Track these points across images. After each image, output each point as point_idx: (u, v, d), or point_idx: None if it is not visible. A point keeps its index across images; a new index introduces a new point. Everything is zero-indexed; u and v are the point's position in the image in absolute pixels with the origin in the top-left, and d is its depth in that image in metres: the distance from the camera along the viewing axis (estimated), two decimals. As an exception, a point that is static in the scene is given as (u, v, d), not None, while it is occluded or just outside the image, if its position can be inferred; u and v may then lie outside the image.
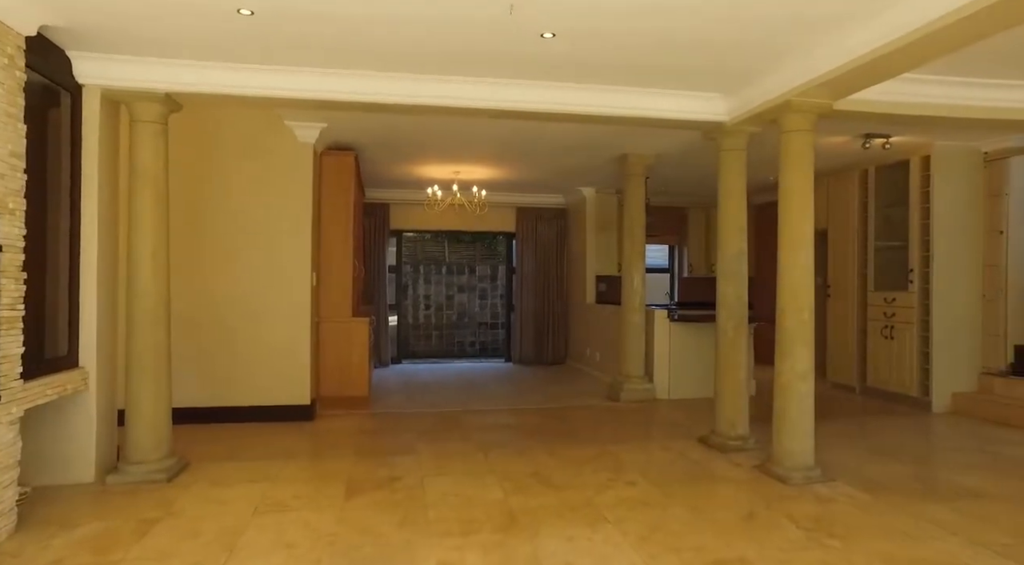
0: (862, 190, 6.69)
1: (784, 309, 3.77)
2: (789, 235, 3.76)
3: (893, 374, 6.22)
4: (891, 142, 5.52)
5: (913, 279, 6.02)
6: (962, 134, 5.56)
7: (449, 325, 12.37)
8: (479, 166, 7.21)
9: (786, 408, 3.74)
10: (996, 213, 5.84)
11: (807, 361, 3.72)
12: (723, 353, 4.44)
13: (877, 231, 6.53)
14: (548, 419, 5.57)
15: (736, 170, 4.41)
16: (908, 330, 6.05)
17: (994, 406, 5.50)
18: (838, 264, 7.01)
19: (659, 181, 7.79)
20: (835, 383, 6.99)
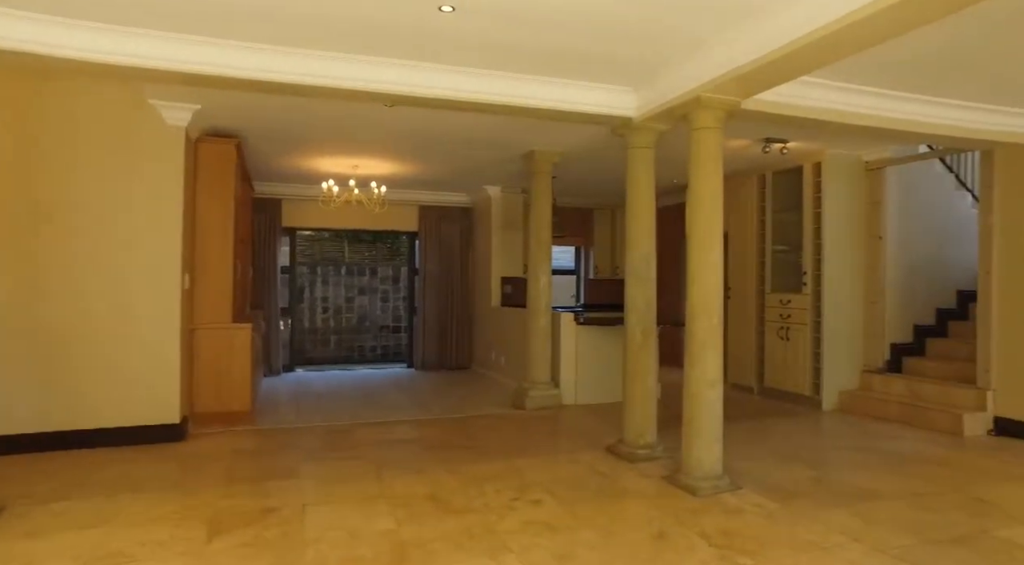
0: (760, 194, 6.85)
1: (694, 313, 3.65)
2: (700, 235, 3.64)
3: (788, 374, 6.39)
4: (788, 148, 5.64)
5: (806, 282, 6.21)
6: (849, 143, 5.77)
7: (349, 329, 11.73)
8: (379, 160, 6.75)
9: (696, 417, 3.62)
10: (876, 220, 6.12)
11: (716, 368, 3.62)
12: (631, 359, 4.28)
13: (774, 235, 6.70)
14: (450, 431, 5.22)
15: (645, 169, 4.27)
16: (802, 331, 6.23)
17: (874, 402, 5.75)
18: (738, 267, 7.15)
19: (566, 181, 7.66)
20: (735, 384, 7.12)
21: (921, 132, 4.46)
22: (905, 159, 5.98)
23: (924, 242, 6.27)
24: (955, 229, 6.45)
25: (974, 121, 4.66)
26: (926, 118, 4.41)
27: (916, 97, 4.28)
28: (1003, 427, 5.04)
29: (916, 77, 3.97)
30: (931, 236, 6.32)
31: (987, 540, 2.99)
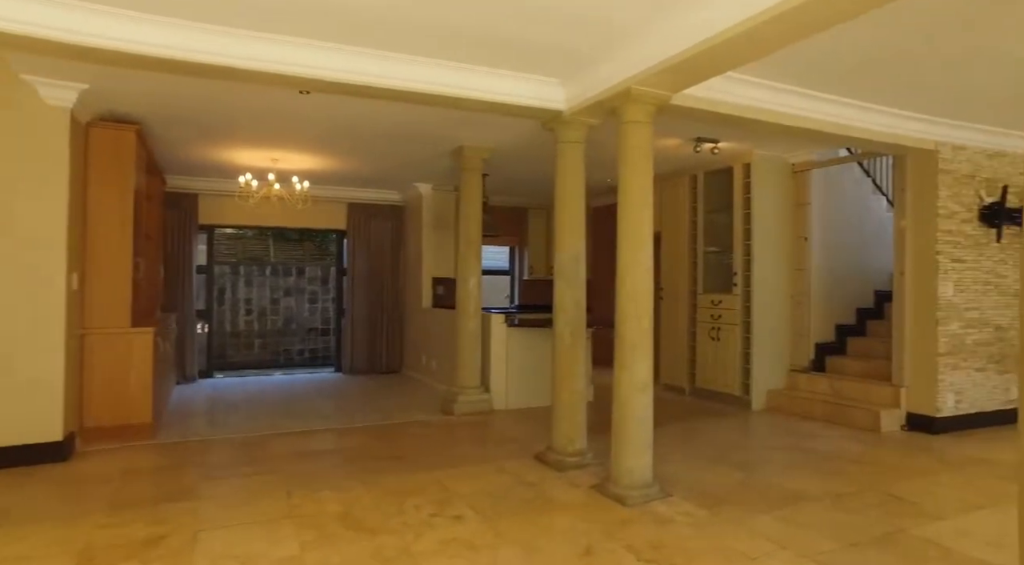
0: (692, 195, 6.86)
1: (624, 315, 3.51)
2: (629, 232, 3.51)
3: (719, 374, 6.42)
4: (719, 148, 5.63)
5: (737, 282, 6.25)
6: (776, 144, 5.83)
7: (274, 332, 11.15)
8: (301, 154, 6.36)
9: (625, 423, 3.48)
10: (802, 221, 6.23)
11: (646, 372, 3.50)
12: (560, 362, 4.12)
13: (706, 235, 6.72)
14: (374, 440, 4.93)
15: (574, 165, 4.12)
16: (732, 331, 6.26)
17: (800, 401, 5.83)
18: (670, 267, 7.15)
19: (499, 179, 7.47)
20: (667, 385, 7.11)
21: (842, 134, 4.51)
22: (827, 162, 6.10)
23: (845, 244, 6.43)
24: (872, 231, 6.65)
25: (890, 126, 4.77)
26: (846, 120, 4.47)
27: (838, 99, 4.32)
28: (914, 422, 5.18)
29: (839, 80, 3.99)
30: (851, 238, 6.48)
31: (905, 540, 2.98)
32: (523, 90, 3.93)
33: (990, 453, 4.52)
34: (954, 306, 5.21)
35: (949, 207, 5.19)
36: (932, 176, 5.13)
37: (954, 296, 5.21)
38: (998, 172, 5.49)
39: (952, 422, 5.16)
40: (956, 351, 5.22)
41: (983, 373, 5.39)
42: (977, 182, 5.36)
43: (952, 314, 5.19)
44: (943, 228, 5.15)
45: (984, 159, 5.40)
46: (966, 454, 4.49)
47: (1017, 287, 5.60)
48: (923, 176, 5.20)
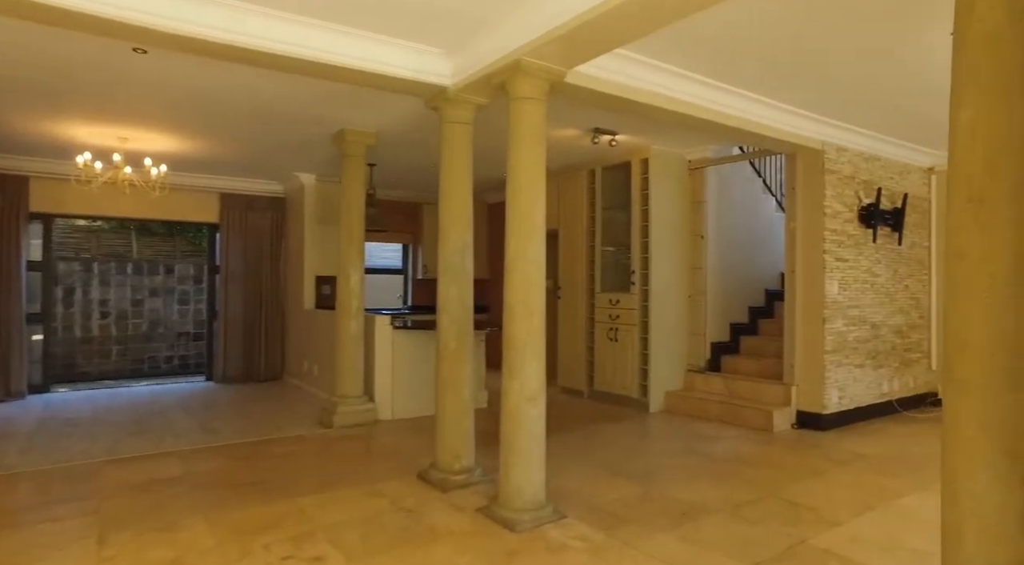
0: (590, 191, 6.66)
1: (512, 313, 3.13)
2: (518, 221, 3.14)
3: (617, 376, 6.24)
4: (617, 140, 5.43)
5: (635, 281, 6.09)
6: (673, 139, 5.72)
7: (137, 337, 9.91)
8: (156, 133, 5.51)
9: (514, 437, 3.10)
10: (699, 219, 6.18)
11: (538, 379, 3.13)
12: (444, 368, 3.69)
13: (604, 232, 6.54)
14: (234, 462, 4.26)
15: (461, 148, 3.70)
16: (630, 332, 6.10)
17: (697, 402, 5.75)
18: (568, 265, 6.91)
19: (389, 171, 6.95)
20: (565, 388, 6.87)
21: (737, 127, 4.40)
22: (722, 159, 6.08)
23: (739, 242, 6.46)
24: (763, 231, 6.74)
25: (783, 122, 4.73)
26: (741, 113, 4.36)
27: (735, 90, 4.20)
28: (803, 420, 5.22)
29: (737, 70, 3.85)
30: (744, 237, 6.53)
31: (806, 552, 2.82)
32: (403, 60, 3.47)
33: (870, 447, 4.58)
34: (838, 304, 5.29)
35: (834, 207, 5.27)
36: (819, 175, 5.18)
37: (839, 294, 5.29)
38: (874, 175, 5.66)
39: (836, 418, 5.23)
40: (840, 348, 5.30)
41: (862, 369, 5.53)
42: (857, 183, 5.50)
43: (837, 312, 5.27)
44: (829, 227, 5.21)
45: (862, 161, 5.55)
46: (851, 450, 4.51)
47: (889, 286, 5.81)
48: (811, 175, 5.24)
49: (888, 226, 5.80)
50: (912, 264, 6.11)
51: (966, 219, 1.52)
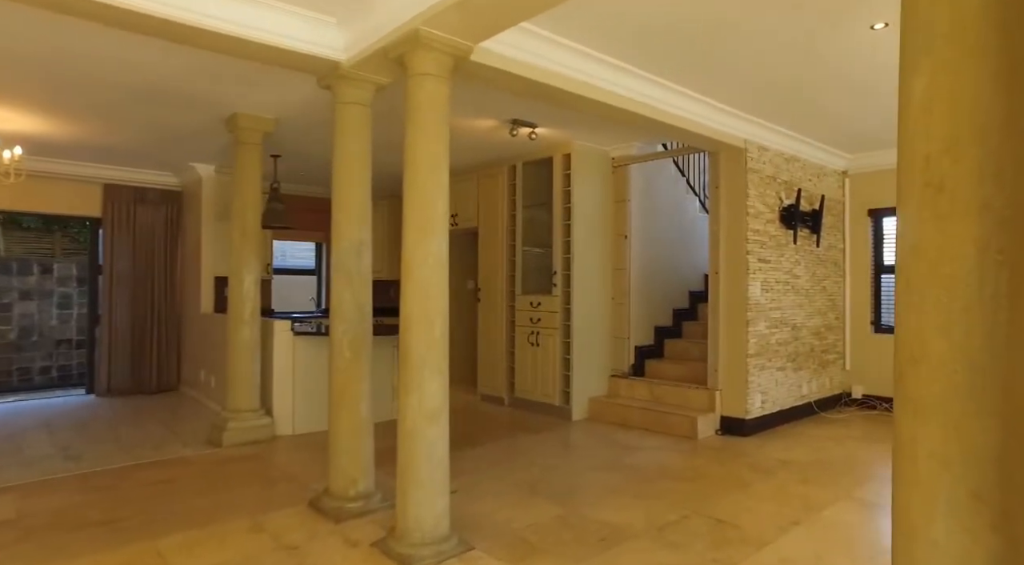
0: (511, 188, 6.34)
1: (410, 322, 2.74)
2: (416, 213, 2.76)
3: (538, 383, 5.94)
4: (537, 133, 5.12)
5: (556, 283, 5.81)
6: (597, 134, 5.48)
7: (5, 346, 8.81)
8: (9, 110, 4.76)
9: (412, 461, 2.71)
10: (622, 218, 5.98)
11: (439, 395, 2.75)
12: (338, 381, 3.25)
13: (524, 231, 6.23)
14: (89, 494, 3.65)
15: (357, 132, 3.28)
16: (552, 336, 5.82)
17: (621, 408, 5.53)
18: (488, 266, 6.57)
19: (298, 165, 6.42)
20: (485, 395, 6.52)
21: (660, 120, 4.19)
22: (645, 156, 5.90)
23: (662, 242, 6.31)
24: (687, 231, 6.64)
25: (707, 117, 4.57)
26: (665, 106, 4.16)
27: (659, 81, 3.98)
28: (727, 426, 5.08)
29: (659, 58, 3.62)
30: (668, 237, 6.39)
31: (735, 578, 2.57)
32: (295, 30, 3.02)
33: (792, 453, 4.47)
34: (761, 306, 5.19)
35: (757, 207, 5.17)
36: (742, 174, 5.07)
37: (761, 296, 5.20)
38: (794, 176, 5.63)
39: (759, 422, 5.13)
40: (763, 351, 5.21)
41: (783, 372, 5.47)
42: (778, 184, 5.43)
43: (760, 314, 5.17)
44: (752, 227, 5.10)
45: (783, 162, 5.49)
46: (774, 456, 4.38)
47: (808, 287, 5.80)
48: (734, 174, 5.12)
49: (807, 227, 5.79)
50: (828, 266, 6.13)
51: (922, 209, 1.26)
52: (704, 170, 7.03)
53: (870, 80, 4.00)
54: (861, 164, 6.21)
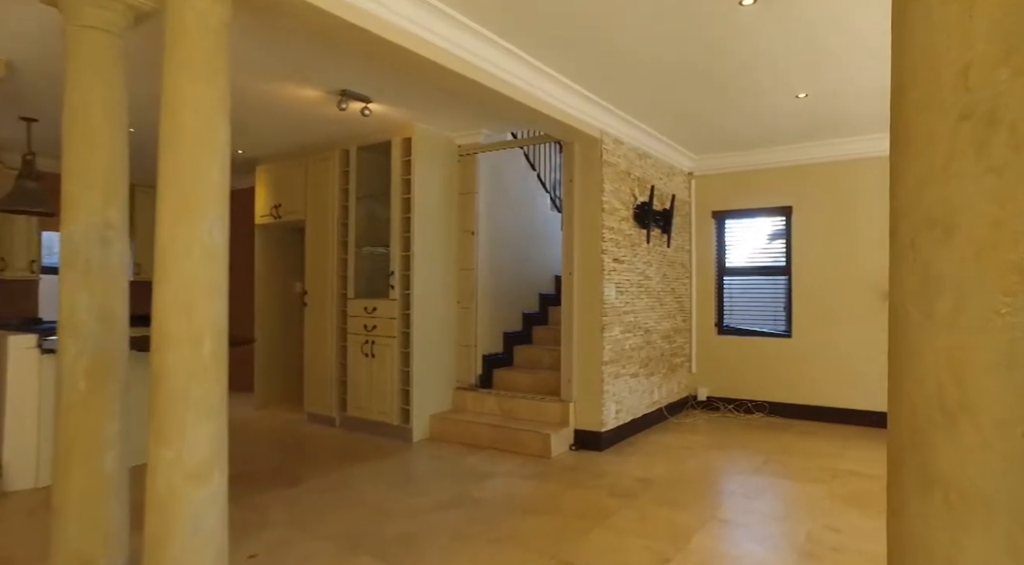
0: (343, 175, 5.50)
1: (165, 337, 1.89)
2: (177, 186, 1.92)
3: (374, 399, 5.16)
4: (371, 109, 4.37)
5: (394, 284, 5.08)
6: (441, 117, 4.86)
7: None
8: None
9: (168, 538, 1.85)
10: (468, 213, 5.40)
11: (210, 443, 1.92)
12: (68, 424, 2.26)
13: (359, 225, 5.42)
14: None
15: (103, 70, 2.31)
16: (390, 345, 5.07)
17: (467, 425, 4.93)
18: (317, 266, 5.66)
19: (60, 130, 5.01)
20: (313, 415, 5.60)
21: (508, 95, 3.64)
22: (494, 145, 5.37)
23: (512, 241, 5.84)
24: (538, 230, 6.24)
25: (561, 99, 4.13)
26: (515, 79, 3.63)
27: (511, 48, 3.43)
28: (582, 440, 4.70)
29: (508, 19, 3.07)
30: (518, 235, 5.93)
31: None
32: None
33: (651, 468, 4.16)
34: (616, 309, 4.88)
35: (612, 203, 4.85)
36: (597, 167, 4.71)
37: (616, 299, 4.89)
38: (646, 173, 5.43)
39: (614, 434, 4.81)
40: (618, 358, 4.90)
41: (636, 379, 5.22)
42: (632, 180, 5.18)
43: (615, 318, 4.86)
44: (607, 225, 4.77)
45: (636, 157, 5.26)
46: (633, 474, 4.03)
47: (659, 289, 5.64)
48: (590, 166, 4.75)
49: (659, 227, 5.62)
50: (677, 267, 6.05)
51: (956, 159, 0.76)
52: (556, 167, 6.70)
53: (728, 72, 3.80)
54: (706, 166, 6.22)
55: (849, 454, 4.52)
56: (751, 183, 6.01)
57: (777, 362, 5.85)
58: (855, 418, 5.43)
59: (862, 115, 4.72)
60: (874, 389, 5.36)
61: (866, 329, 5.43)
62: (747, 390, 5.98)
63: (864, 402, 5.41)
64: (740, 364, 6.03)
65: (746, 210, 6.08)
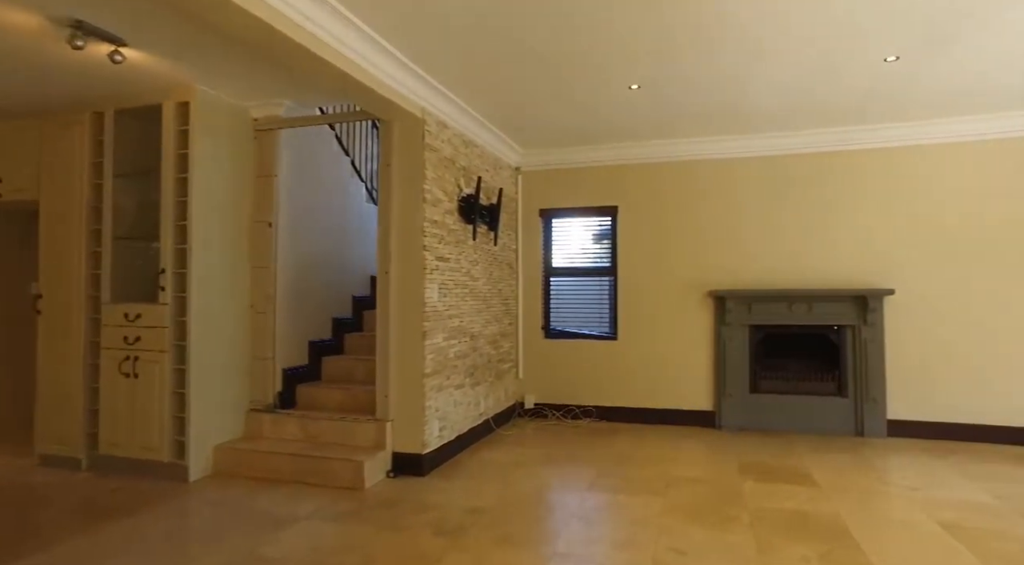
0: (96, 145, 4.28)
1: None
2: None
3: (137, 432, 4.06)
4: (124, 55, 3.33)
5: (165, 286, 4.03)
6: (229, 79, 3.95)
7: None
8: None
9: None
10: (265, 199, 4.50)
11: None
12: None
13: (118, 210, 4.25)
14: None
15: None
16: (158, 362, 4.01)
17: (263, 457, 4.06)
18: (55, 262, 4.36)
19: None
20: (48, 456, 4.29)
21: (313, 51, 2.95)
22: (298, 121, 4.53)
23: (321, 234, 5.03)
24: (353, 224, 5.50)
25: (378, 67, 3.51)
26: (315, 27, 2.94)
27: None
28: (400, 464, 4.09)
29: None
30: (328, 227, 5.14)
31: None
32: None
33: (480, 496, 3.68)
34: (439, 314, 4.35)
35: (435, 193, 4.31)
36: (419, 151, 4.14)
37: (439, 301, 4.36)
38: (472, 163, 4.98)
39: (437, 455, 4.27)
40: (441, 368, 4.37)
41: (462, 390, 4.74)
42: (457, 169, 4.69)
43: (438, 324, 4.32)
44: (430, 217, 4.22)
45: (462, 145, 4.78)
46: (461, 504, 3.52)
47: (486, 291, 5.23)
48: (411, 149, 4.16)
49: (485, 223, 5.20)
50: (504, 267, 5.69)
51: None
52: (373, 157, 6.01)
53: (564, 55, 3.45)
54: (534, 161, 5.95)
55: (681, 457, 4.46)
56: (578, 181, 5.86)
57: (604, 365, 5.74)
58: (681, 418, 5.49)
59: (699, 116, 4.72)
60: (697, 389, 5.46)
61: (688, 329, 5.51)
62: (575, 395, 5.81)
63: (689, 402, 5.49)
64: (567, 368, 5.84)
65: (573, 209, 5.92)
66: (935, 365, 4.95)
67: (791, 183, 5.31)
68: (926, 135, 4.97)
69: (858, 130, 5.05)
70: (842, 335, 5.16)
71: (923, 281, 5.00)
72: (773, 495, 3.61)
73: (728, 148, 5.40)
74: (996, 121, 4.78)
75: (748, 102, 4.41)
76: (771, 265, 5.34)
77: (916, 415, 4.97)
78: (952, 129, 4.89)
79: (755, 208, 5.38)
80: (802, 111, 4.63)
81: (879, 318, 5.02)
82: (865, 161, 5.14)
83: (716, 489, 3.73)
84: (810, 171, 5.27)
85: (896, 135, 5.02)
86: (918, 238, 5.02)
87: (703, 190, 5.52)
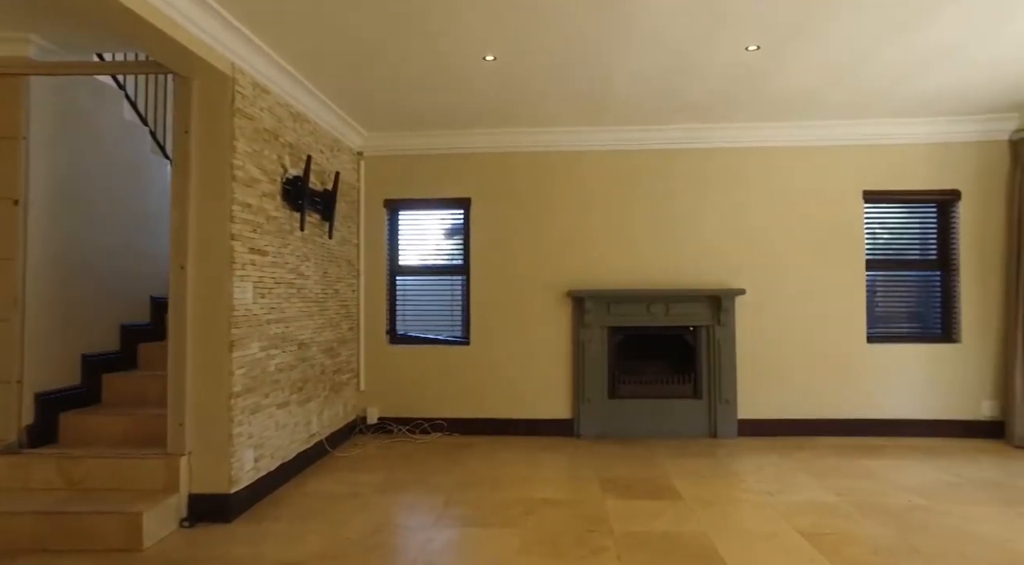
0: None
1: None
2: None
3: None
4: None
5: None
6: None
7: None
8: None
9: None
10: (6, 169, 3.39)
11: None
12: None
13: None
14: None
15: None
16: None
17: None
18: None
19: None
20: None
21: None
22: (62, 67, 3.45)
23: (103, 220, 3.97)
24: (152, 208, 4.45)
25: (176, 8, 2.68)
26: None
27: None
28: (200, 510, 3.23)
29: None
30: (115, 211, 4.08)
31: None
32: None
33: (303, 544, 2.98)
34: (255, 318, 3.54)
35: (249, 171, 3.50)
36: (228, 117, 3.32)
37: (254, 304, 3.55)
38: (302, 140, 4.21)
39: (252, 492, 3.47)
40: (258, 384, 3.56)
41: (286, 409, 3.95)
42: (281, 145, 3.90)
43: (252, 330, 3.51)
44: (242, 200, 3.41)
45: (289, 117, 4.01)
46: (275, 558, 2.79)
47: (318, 291, 4.47)
48: (216, 115, 3.32)
49: (318, 212, 4.44)
50: (343, 264, 4.95)
51: None
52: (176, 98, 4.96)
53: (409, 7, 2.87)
54: (379, 145, 5.27)
55: (539, 474, 4.04)
56: (428, 170, 5.28)
57: (456, 373, 5.21)
58: (539, 428, 5.10)
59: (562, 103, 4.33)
60: (556, 396, 5.11)
61: (546, 333, 5.15)
62: (424, 407, 5.21)
63: (546, 410, 5.12)
64: (416, 378, 5.23)
65: (423, 200, 5.32)
66: (779, 364, 5.02)
67: (641, 180, 5.14)
68: (771, 138, 5.03)
69: (706, 129, 5.00)
70: (698, 336, 5.08)
71: (769, 281, 5.06)
72: (638, 514, 3.29)
73: (581, 140, 5.12)
74: (831, 129, 4.95)
75: (612, 90, 4.11)
76: (628, 265, 5.14)
77: (764, 414, 5.01)
78: (793, 133, 4.99)
79: (608, 205, 5.16)
80: (659, 104, 4.44)
81: (731, 318, 5.00)
82: (714, 160, 5.11)
83: (578, 513, 3.33)
84: (659, 167, 5.14)
85: (742, 136, 5.03)
86: (766, 238, 5.08)
87: (558, 184, 5.20)
